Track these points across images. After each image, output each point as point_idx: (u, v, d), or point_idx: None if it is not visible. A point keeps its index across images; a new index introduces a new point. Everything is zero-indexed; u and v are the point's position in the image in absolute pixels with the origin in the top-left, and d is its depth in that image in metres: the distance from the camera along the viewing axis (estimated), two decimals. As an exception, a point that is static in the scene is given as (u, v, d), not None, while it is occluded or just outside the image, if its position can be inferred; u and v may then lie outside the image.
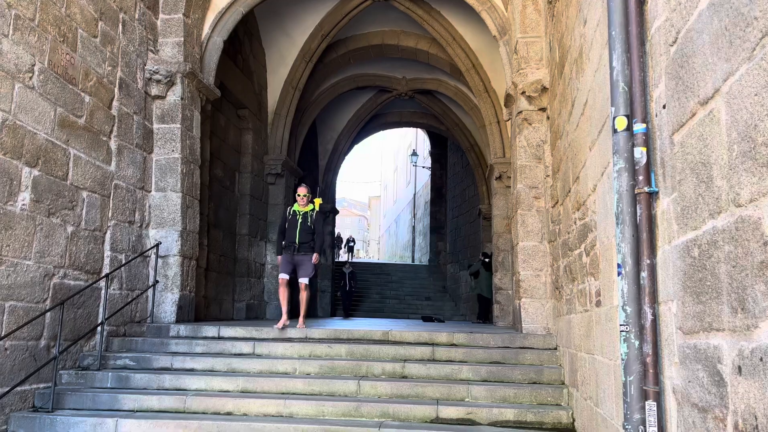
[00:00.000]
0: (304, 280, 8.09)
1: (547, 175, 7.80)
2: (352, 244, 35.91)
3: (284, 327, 7.56)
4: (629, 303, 2.69)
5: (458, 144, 19.28)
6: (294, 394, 6.24)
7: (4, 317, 5.60)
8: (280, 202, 14.48)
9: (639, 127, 2.74)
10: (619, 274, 2.77)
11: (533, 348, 7.07)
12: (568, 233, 5.76)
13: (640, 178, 2.71)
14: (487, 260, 13.49)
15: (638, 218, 2.70)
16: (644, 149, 2.71)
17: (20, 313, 5.79)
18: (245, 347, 7.19)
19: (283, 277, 8.11)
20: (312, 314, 18.65)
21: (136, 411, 5.94)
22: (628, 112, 2.81)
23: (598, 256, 4.19)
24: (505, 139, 12.45)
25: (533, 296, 7.87)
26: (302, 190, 8.15)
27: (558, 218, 6.64)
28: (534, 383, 6.36)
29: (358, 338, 7.58)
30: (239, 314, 12.37)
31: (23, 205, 5.86)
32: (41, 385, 6.11)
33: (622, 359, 2.70)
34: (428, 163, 28.35)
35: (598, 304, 4.18)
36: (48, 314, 6.15)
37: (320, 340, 7.49)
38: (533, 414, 5.66)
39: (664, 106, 2.53)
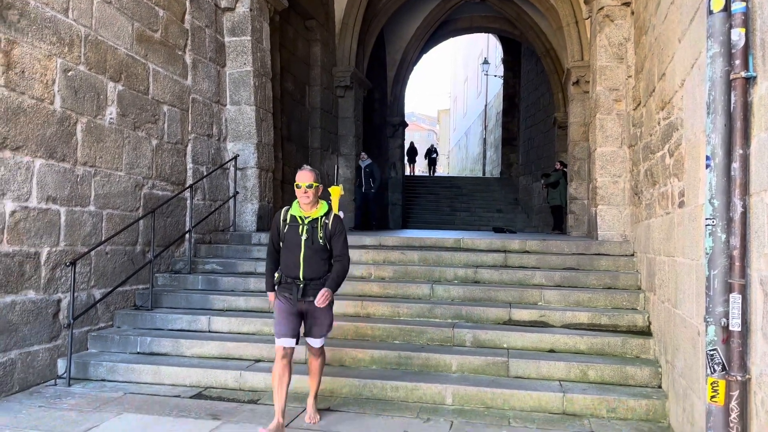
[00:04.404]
0: (316, 343, 4.28)
1: (629, 76, 7.36)
2: (434, 155, 33.58)
3: None
4: (717, 196, 2.59)
5: (533, 49, 18.37)
6: (370, 296, 6.51)
7: (103, 224, 6.05)
8: (350, 115, 14.48)
9: (738, 6, 2.52)
10: (707, 166, 2.65)
11: (609, 254, 6.98)
12: (651, 135, 5.50)
13: (737, 62, 2.52)
14: (566, 169, 13.15)
15: (732, 106, 2.53)
16: (742, 30, 2.50)
17: (116, 221, 6.23)
18: (322, 253, 7.47)
19: (283, 344, 4.13)
20: (383, 226, 19.02)
21: (225, 310, 6.39)
22: (726, -11, 2.57)
23: (683, 156, 4.00)
24: (583, 40, 11.74)
25: (610, 203, 7.67)
26: (304, 177, 4.13)
27: (640, 120, 6.33)
28: (609, 288, 6.33)
29: (431, 246, 7.72)
30: (314, 225, 12.78)
31: (111, 118, 6.16)
32: (140, 287, 6.65)
33: (707, 254, 2.63)
34: (500, 71, 27.28)
35: (681, 204, 4.04)
36: (141, 222, 6.59)
37: (393, 247, 7.68)
38: (607, 317, 5.67)
39: (769, -21, 2.30)
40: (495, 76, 29.23)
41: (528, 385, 4.83)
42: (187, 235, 7.41)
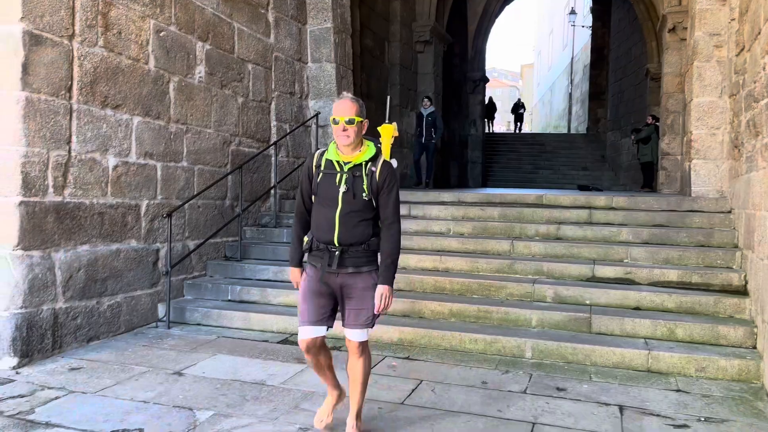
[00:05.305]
0: (354, 335, 3.16)
1: (732, 19, 6.80)
2: (521, 111, 31.19)
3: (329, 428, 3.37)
4: (828, 141, 2.38)
5: (624, -4, 17.24)
6: (449, 251, 6.53)
7: (195, 179, 6.38)
8: (429, 71, 14.29)
9: None
10: (818, 109, 2.44)
11: (703, 211, 6.62)
12: (755, 82, 5.09)
13: None
14: (657, 124, 12.42)
15: None
16: None
17: (207, 176, 6.55)
18: (402, 209, 7.53)
19: (307, 336, 3.14)
20: (463, 184, 18.86)
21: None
22: None
23: (792, 102, 3.69)
24: (682, -18, 10.89)
25: (706, 157, 7.22)
26: (343, 108, 3.01)
27: (743, 67, 5.86)
28: (702, 246, 6.03)
29: (511, 202, 7.61)
30: (394, 182, 12.83)
31: (200, 77, 6.41)
32: (229, 239, 7.00)
33: (813, 203, 2.45)
34: (588, 21, 25.87)
35: (787, 155, 3.75)
36: (229, 177, 6.89)
37: (473, 204, 7.63)
38: (699, 276, 5.42)
39: None
40: (582, 26, 27.81)
41: (611, 341, 4.74)
42: (272, 191, 7.68)
